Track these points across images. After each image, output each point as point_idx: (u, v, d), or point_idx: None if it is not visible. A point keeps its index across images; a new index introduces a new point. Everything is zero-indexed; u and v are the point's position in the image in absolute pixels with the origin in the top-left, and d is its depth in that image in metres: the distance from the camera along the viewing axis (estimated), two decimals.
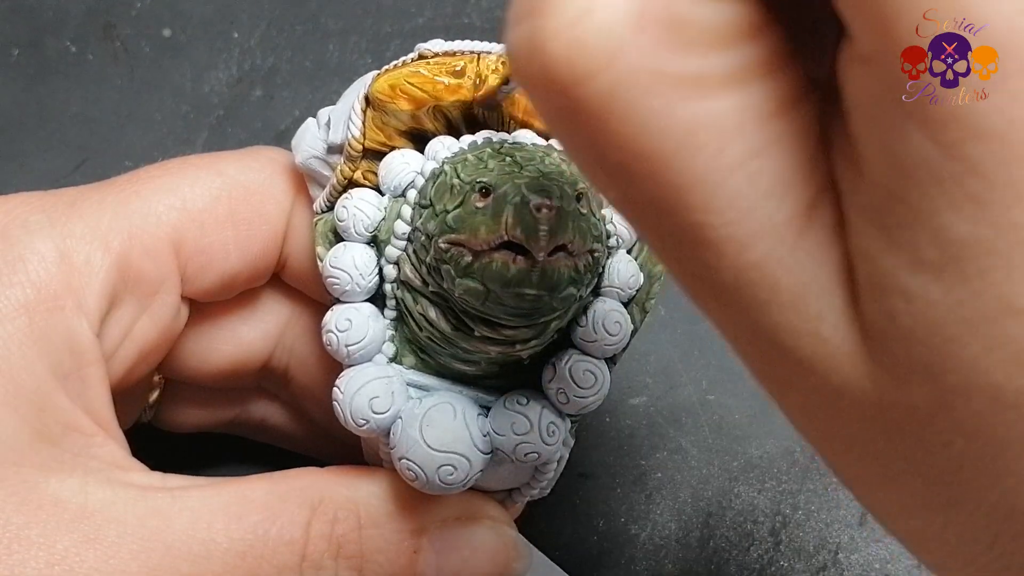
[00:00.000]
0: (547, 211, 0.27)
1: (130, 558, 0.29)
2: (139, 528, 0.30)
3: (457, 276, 0.29)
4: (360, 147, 0.32)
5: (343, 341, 0.32)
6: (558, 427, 0.31)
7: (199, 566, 0.30)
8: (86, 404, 0.32)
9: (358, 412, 0.31)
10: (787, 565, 0.41)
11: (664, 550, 0.42)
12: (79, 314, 0.31)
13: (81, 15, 0.51)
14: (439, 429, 0.31)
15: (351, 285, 0.32)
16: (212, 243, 0.34)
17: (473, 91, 0.31)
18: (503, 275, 0.28)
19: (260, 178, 0.35)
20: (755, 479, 0.43)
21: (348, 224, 0.32)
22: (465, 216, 0.28)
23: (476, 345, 0.31)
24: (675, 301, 0.46)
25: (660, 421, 0.44)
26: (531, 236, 0.27)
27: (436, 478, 0.31)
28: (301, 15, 0.51)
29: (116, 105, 0.49)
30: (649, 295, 0.33)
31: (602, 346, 0.32)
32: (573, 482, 0.43)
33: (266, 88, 0.50)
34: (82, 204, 0.33)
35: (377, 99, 0.32)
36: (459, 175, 0.29)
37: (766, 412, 0.44)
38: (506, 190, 0.28)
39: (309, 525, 0.31)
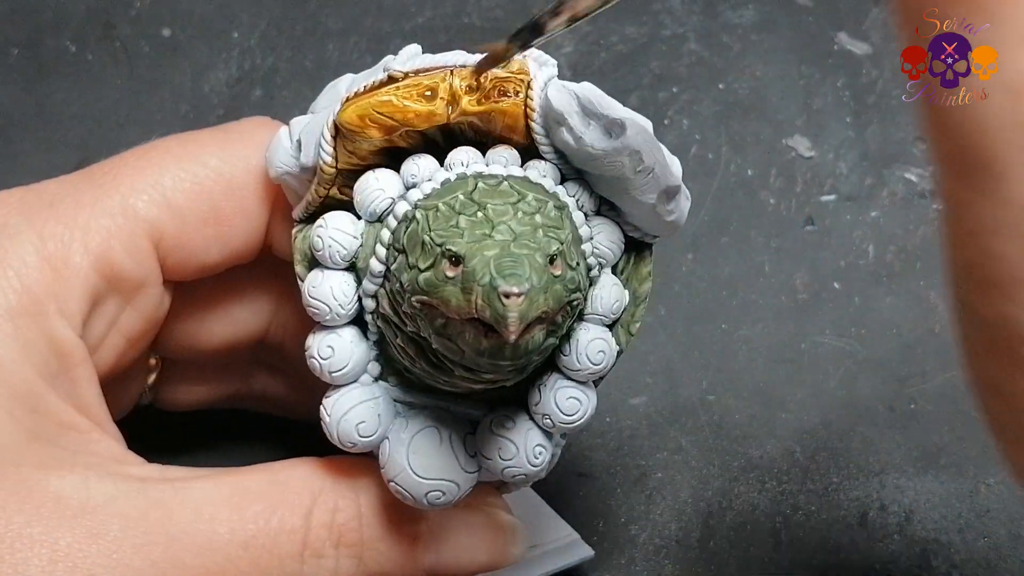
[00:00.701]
0: (515, 298, 0.26)
1: (133, 552, 0.29)
2: (141, 521, 0.30)
3: (432, 333, 0.29)
4: (332, 171, 0.31)
5: (326, 368, 0.31)
6: (545, 449, 0.32)
7: (202, 557, 0.30)
8: (78, 403, 0.32)
9: (345, 436, 0.31)
10: (787, 565, 0.41)
11: (664, 550, 0.42)
12: (61, 318, 0.31)
13: (81, 15, 0.51)
14: (425, 457, 0.31)
15: (331, 315, 0.31)
16: (193, 239, 0.34)
17: (447, 115, 0.30)
18: (475, 346, 0.28)
19: (244, 169, 0.34)
20: (755, 479, 0.43)
21: (324, 254, 0.31)
22: (436, 283, 0.28)
23: (456, 382, 0.31)
24: (675, 301, 0.46)
25: (660, 421, 0.44)
26: (500, 322, 0.27)
27: (425, 501, 0.31)
28: (301, 15, 0.51)
29: (116, 105, 0.49)
30: (634, 317, 0.32)
31: (586, 374, 0.31)
32: (573, 482, 0.43)
33: (266, 88, 0.50)
34: (60, 204, 0.33)
35: (346, 128, 0.31)
36: (430, 230, 0.29)
37: (766, 412, 0.44)
38: (475, 267, 0.27)
39: (310, 514, 0.31)
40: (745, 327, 0.45)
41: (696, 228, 0.47)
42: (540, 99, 0.30)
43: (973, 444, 0.43)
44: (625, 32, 0.51)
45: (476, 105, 0.30)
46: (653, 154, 0.30)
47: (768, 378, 0.44)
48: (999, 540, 0.41)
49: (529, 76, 0.30)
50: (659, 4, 0.52)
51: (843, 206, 0.48)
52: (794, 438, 0.43)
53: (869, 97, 0.50)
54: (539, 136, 0.30)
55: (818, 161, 0.49)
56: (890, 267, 0.46)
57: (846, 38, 0.51)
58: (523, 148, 0.31)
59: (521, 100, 0.30)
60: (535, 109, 0.30)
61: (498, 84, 0.30)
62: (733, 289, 0.46)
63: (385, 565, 0.32)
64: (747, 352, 0.45)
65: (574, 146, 0.30)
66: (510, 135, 0.31)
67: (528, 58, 0.31)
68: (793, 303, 0.46)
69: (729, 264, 0.46)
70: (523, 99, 0.30)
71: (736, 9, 0.52)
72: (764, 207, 0.48)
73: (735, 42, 0.51)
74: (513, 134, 0.31)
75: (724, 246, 0.47)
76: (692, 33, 0.51)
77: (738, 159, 0.49)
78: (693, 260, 0.47)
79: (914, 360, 0.45)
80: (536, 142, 0.30)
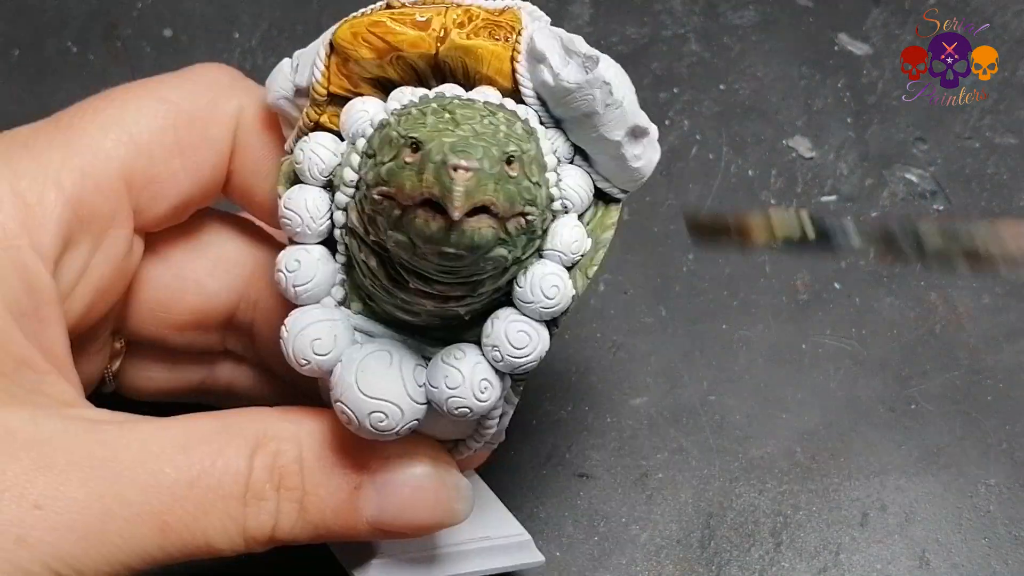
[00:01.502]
0: (463, 172, 0.27)
1: (79, 485, 0.29)
2: (88, 457, 0.30)
3: (388, 228, 0.29)
4: (324, 92, 0.32)
5: (291, 281, 0.32)
6: (491, 384, 0.31)
7: (147, 494, 0.30)
8: (41, 343, 0.32)
9: (300, 352, 0.31)
10: (788, 566, 0.41)
11: (665, 551, 0.42)
12: (34, 254, 0.32)
13: (82, 16, 0.51)
14: (372, 375, 0.31)
15: (302, 227, 0.32)
16: (161, 172, 0.34)
17: (435, 44, 0.31)
18: (423, 232, 0.28)
19: (204, 102, 0.35)
20: (756, 479, 0.43)
21: (304, 167, 0.32)
22: (396, 170, 0.29)
23: (412, 297, 0.31)
24: (676, 302, 0.46)
25: (661, 422, 0.44)
26: (446, 196, 0.27)
27: (367, 423, 0.31)
28: (302, 15, 0.51)
29: None
30: (592, 261, 0.32)
31: (539, 308, 0.31)
32: (574, 482, 0.43)
33: None
34: (34, 144, 0.33)
35: (339, 45, 0.32)
36: (398, 128, 0.30)
37: (767, 412, 0.44)
38: (431, 148, 0.28)
39: (253, 457, 0.32)
40: (746, 327, 0.45)
41: None
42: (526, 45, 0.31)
43: (973, 444, 0.43)
44: (626, 32, 0.51)
45: (465, 39, 0.31)
46: (623, 89, 0.31)
47: (768, 378, 0.44)
48: (999, 540, 0.41)
49: (521, 25, 0.31)
50: (660, 5, 0.52)
51: (843, 206, 0.48)
52: (794, 438, 0.43)
53: (869, 97, 0.50)
54: (522, 79, 0.31)
55: (818, 162, 0.49)
56: (890, 267, 0.46)
57: (846, 39, 0.51)
58: (506, 93, 0.32)
59: (510, 45, 0.31)
60: (521, 53, 0.31)
61: (490, 25, 0.31)
62: (734, 289, 0.46)
63: (326, 513, 0.32)
64: (747, 352, 0.45)
65: (551, 84, 0.31)
66: (495, 77, 0.32)
67: (522, 10, 0.32)
68: (794, 303, 0.46)
69: (730, 264, 0.47)
70: (512, 44, 0.31)
71: (737, 10, 0.52)
72: (765, 207, 0.48)
73: (735, 43, 0.51)
74: (499, 76, 0.32)
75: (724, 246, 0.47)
76: (693, 34, 0.51)
77: (739, 160, 0.49)
78: (694, 260, 0.47)
79: (914, 360, 0.45)
80: (519, 84, 0.32)
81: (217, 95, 0.35)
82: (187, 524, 0.31)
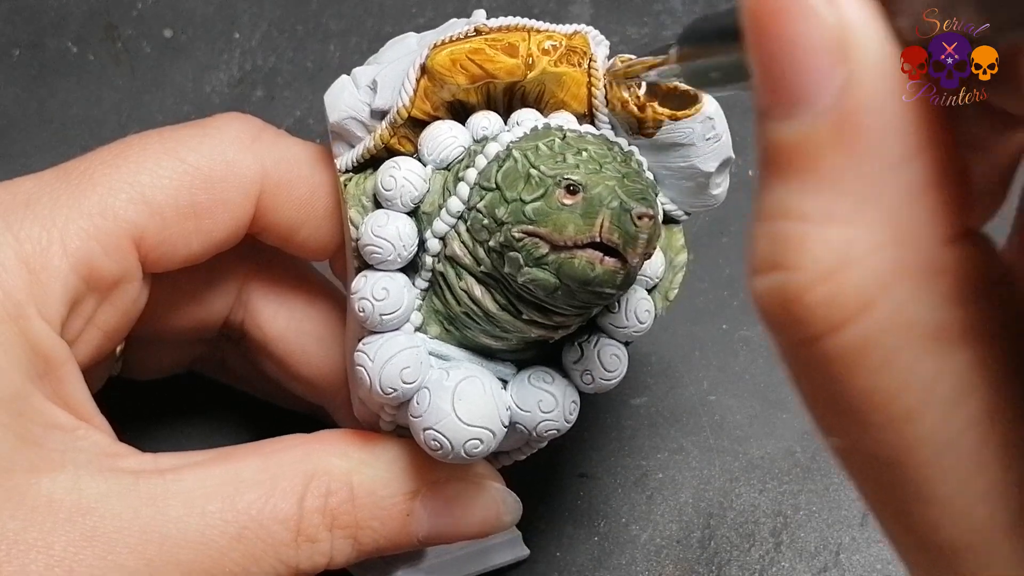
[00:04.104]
0: (648, 220, 0.28)
1: (128, 552, 0.29)
2: (135, 520, 0.30)
3: (527, 265, 0.29)
4: (407, 115, 0.32)
5: (379, 310, 0.32)
6: (578, 405, 0.33)
7: (197, 552, 0.30)
8: (63, 401, 0.32)
9: (388, 382, 0.31)
10: (788, 566, 0.41)
11: (665, 551, 0.42)
12: (42, 320, 0.31)
13: (82, 16, 0.51)
14: (471, 404, 0.31)
15: (393, 255, 0.32)
16: (173, 234, 0.34)
17: (526, 72, 0.32)
18: (585, 274, 0.28)
19: (223, 162, 0.34)
20: (756, 479, 0.43)
21: (395, 194, 0.32)
22: (548, 211, 0.29)
23: (519, 326, 0.31)
24: (676, 301, 0.46)
25: (661, 422, 0.44)
26: (629, 244, 0.28)
27: (462, 450, 0.31)
28: (302, 16, 0.51)
29: (117, 105, 0.49)
30: (672, 284, 0.34)
31: (630, 332, 0.33)
32: (574, 483, 0.43)
33: (267, 88, 0.50)
34: (36, 203, 0.32)
35: (436, 71, 0.32)
36: (535, 165, 0.30)
37: (767, 412, 0.44)
38: (600, 192, 0.28)
39: (303, 500, 0.32)
40: (746, 327, 0.45)
41: (697, 228, 0.47)
42: (601, 71, 0.32)
43: None
44: (626, 32, 0.51)
45: (554, 67, 0.32)
46: (723, 124, 0.32)
47: (768, 378, 0.44)
48: None
49: (590, 51, 0.32)
50: (660, 4, 0.52)
51: None
52: (794, 438, 0.43)
53: None
54: (599, 104, 0.32)
55: None
56: None
57: None
58: (579, 116, 0.33)
59: (584, 71, 0.32)
60: (599, 79, 0.32)
61: (568, 52, 0.32)
62: (734, 289, 0.46)
63: (380, 541, 0.33)
64: (747, 352, 0.45)
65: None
66: (570, 101, 0.33)
67: (588, 36, 0.33)
68: None
69: (730, 264, 0.47)
70: (586, 70, 0.32)
71: None
72: None
73: None
74: (573, 101, 0.32)
75: (725, 246, 0.47)
76: None
77: (739, 160, 0.49)
78: (694, 260, 0.47)
79: None
80: (595, 109, 0.32)
81: (238, 154, 0.34)
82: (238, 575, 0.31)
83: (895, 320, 0.18)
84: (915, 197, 0.18)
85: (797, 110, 0.19)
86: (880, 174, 0.18)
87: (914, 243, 0.18)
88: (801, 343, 0.19)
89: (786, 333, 0.19)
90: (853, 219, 0.18)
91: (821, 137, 0.19)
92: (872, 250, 0.18)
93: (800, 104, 0.19)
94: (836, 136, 0.18)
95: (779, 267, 0.19)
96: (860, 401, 0.19)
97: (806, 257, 0.19)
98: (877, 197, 0.18)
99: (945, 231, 0.19)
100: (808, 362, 0.19)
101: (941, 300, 0.18)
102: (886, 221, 0.18)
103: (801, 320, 0.19)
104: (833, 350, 0.19)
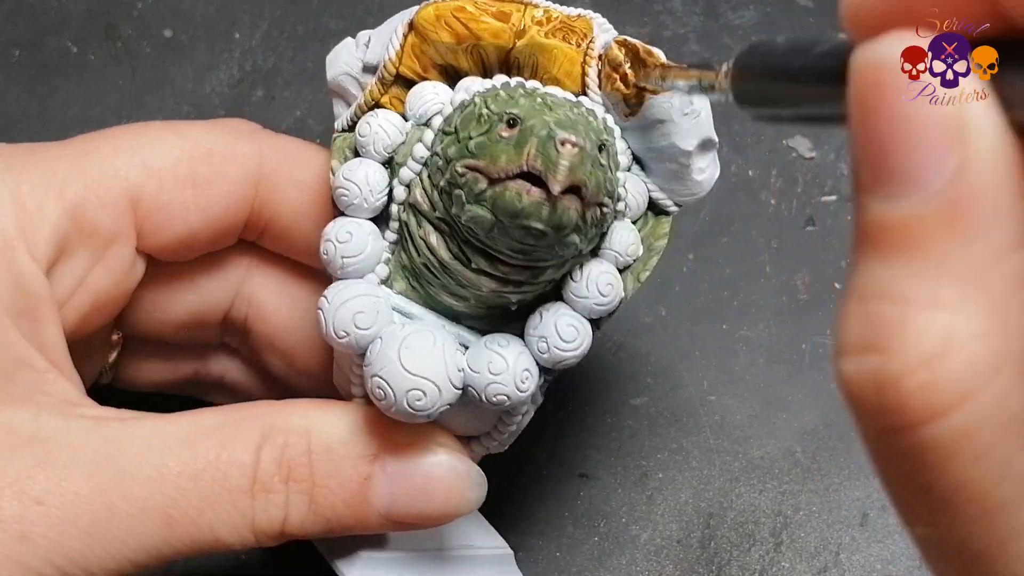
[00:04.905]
0: (571, 147, 0.28)
1: (82, 480, 0.29)
2: (91, 453, 0.30)
3: (468, 202, 0.29)
4: (394, 70, 0.33)
5: (340, 252, 0.32)
6: (531, 375, 0.32)
7: (152, 489, 0.30)
8: (39, 342, 0.32)
9: (341, 324, 0.31)
10: (788, 566, 0.41)
11: (665, 551, 0.42)
12: (29, 256, 0.32)
13: (82, 16, 0.51)
14: (416, 352, 0.31)
15: (359, 199, 0.32)
16: (171, 201, 0.34)
17: (513, 38, 0.32)
18: (514, 205, 0.29)
19: (223, 142, 0.35)
20: (756, 480, 0.43)
21: (368, 140, 0.32)
22: (488, 144, 0.29)
23: (470, 279, 0.31)
24: (676, 302, 0.46)
25: (661, 422, 0.44)
26: (550, 169, 0.28)
27: (404, 401, 0.31)
28: (302, 15, 0.51)
29: (117, 106, 0.49)
30: (645, 266, 0.33)
31: (591, 304, 0.32)
32: (574, 483, 0.43)
33: (267, 88, 0.50)
34: (41, 154, 0.33)
35: (420, 26, 0.32)
36: (488, 106, 0.30)
37: (767, 412, 0.44)
38: (534, 123, 0.29)
39: (259, 449, 0.31)
40: (746, 327, 0.45)
41: (697, 228, 0.47)
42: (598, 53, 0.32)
43: None
44: (626, 32, 0.51)
45: (543, 37, 0.32)
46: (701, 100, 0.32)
47: (768, 378, 0.44)
48: None
49: (593, 35, 0.32)
50: (660, 5, 0.52)
51: (844, 207, 0.48)
52: (795, 438, 0.43)
53: None
54: (591, 83, 0.32)
55: (819, 162, 0.49)
56: None
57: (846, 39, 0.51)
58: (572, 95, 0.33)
59: (582, 51, 0.32)
60: (594, 58, 0.32)
61: (565, 28, 0.32)
62: (734, 289, 0.46)
63: (337, 505, 0.32)
64: (748, 352, 0.45)
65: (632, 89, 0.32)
66: (563, 79, 0.33)
67: (594, 21, 0.33)
68: (794, 303, 0.46)
69: (730, 264, 0.47)
70: (583, 50, 0.32)
71: (737, 10, 0.52)
72: (765, 207, 0.48)
73: (736, 43, 0.51)
74: (567, 79, 0.32)
75: (725, 246, 0.47)
76: (693, 34, 0.51)
77: (739, 160, 0.49)
78: (694, 260, 0.47)
79: None
80: (588, 88, 0.32)
81: (238, 139, 0.35)
82: (193, 518, 0.30)
83: (996, 411, 0.18)
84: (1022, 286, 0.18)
85: (906, 190, 0.18)
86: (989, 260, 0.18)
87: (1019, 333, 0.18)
88: (893, 430, 0.19)
89: (877, 419, 0.19)
90: (958, 305, 0.18)
91: (930, 220, 0.18)
92: (976, 337, 0.18)
93: (910, 185, 0.18)
94: (946, 220, 0.18)
95: (875, 350, 0.19)
96: (953, 492, 0.18)
97: (907, 341, 0.18)
98: (984, 284, 0.18)
99: None
100: (899, 450, 0.19)
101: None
102: (992, 309, 0.18)
103: (896, 407, 0.18)
104: (929, 439, 0.18)
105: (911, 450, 0.18)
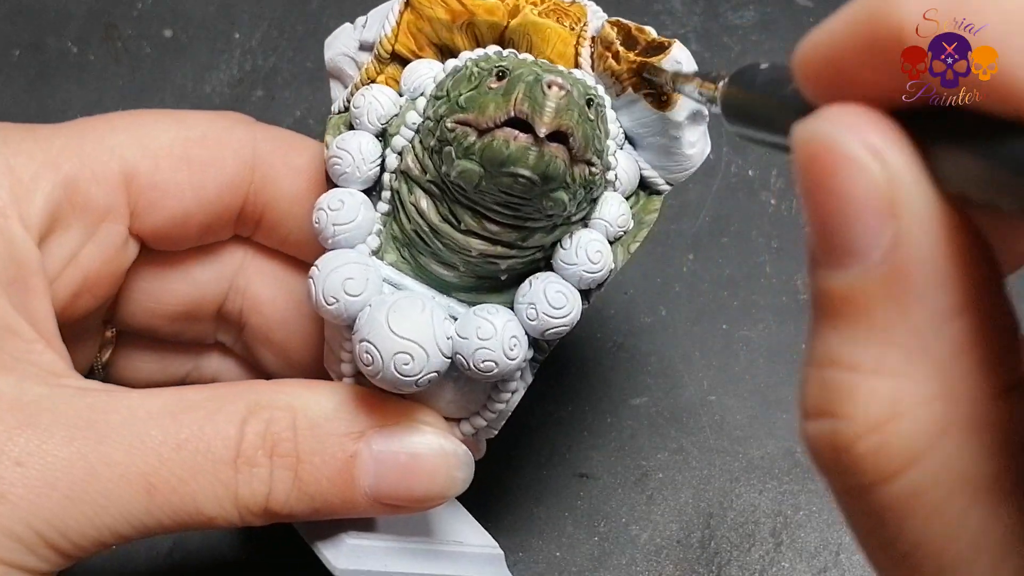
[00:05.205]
0: (557, 89, 0.28)
1: (63, 443, 0.29)
2: (74, 418, 0.30)
3: (457, 158, 0.30)
4: (390, 48, 0.33)
5: (331, 219, 0.32)
6: (520, 343, 0.31)
7: (132, 455, 0.30)
8: (28, 312, 0.32)
9: (330, 290, 0.31)
10: (788, 566, 0.41)
11: (665, 551, 0.42)
12: (20, 224, 0.32)
13: (83, 16, 0.51)
14: (404, 317, 0.31)
15: (352, 168, 0.32)
16: (165, 180, 0.35)
17: (507, 17, 0.33)
18: (501, 152, 0.29)
19: (218, 128, 0.36)
20: (756, 480, 0.43)
21: (362, 111, 0.33)
22: (477, 96, 0.30)
23: (459, 240, 0.31)
24: (676, 302, 0.46)
25: (661, 422, 0.44)
26: (536, 111, 0.28)
27: (391, 365, 0.30)
28: (302, 15, 0.51)
29: (117, 105, 0.49)
30: (635, 238, 0.33)
31: (580, 272, 0.32)
32: (574, 483, 0.43)
33: (267, 88, 0.50)
34: (38, 130, 0.34)
35: (416, 2, 0.33)
36: (479, 65, 0.31)
37: (767, 412, 0.44)
38: (522, 71, 0.29)
39: (244, 423, 0.31)
40: (746, 327, 0.45)
41: (697, 228, 0.47)
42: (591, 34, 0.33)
43: None
44: None
45: (536, 16, 0.33)
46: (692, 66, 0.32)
47: (768, 378, 0.44)
48: None
49: (585, 19, 0.33)
50: (660, 5, 0.52)
51: None
52: (794, 438, 0.43)
53: None
54: (584, 64, 0.33)
55: None
56: None
57: None
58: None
59: (575, 32, 0.33)
60: (587, 39, 0.33)
61: (559, 11, 0.33)
62: (734, 289, 0.46)
63: (322, 482, 0.32)
64: (748, 352, 0.45)
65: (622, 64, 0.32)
66: (557, 60, 0.33)
67: (588, 8, 0.33)
68: (794, 303, 0.46)
69: (730, 264, 0.47)
70: (577, 32, 0.33)
71: (737, 10, 0.52)
72: (765, 207, 0.48)
73: (736, 43, 0.51)
74: (560, 60, 0.33)
75: (725, 246, 0.47)
76: (693, 34, 0.51)
77: (739, 160, 0.49)
78: (694, 260, 0.47)
79: None
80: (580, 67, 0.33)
81: (233, 124, 0.36)
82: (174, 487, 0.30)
83: (944, 472, 0.19)
84: (964, 351, 0.19)
85: (848, 262, 0.19)
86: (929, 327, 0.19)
87: (963, 397, 0.19)
88: (852, 490, 0.19)
89: (838, 478, 0.20)
90: (902, 371, 0.19)
91: (871, 290, 0.19)
92: (921, 403, 0.19)
93: (851, 257, 0.19)
94: (886, 289, 0.19)
95: (829, 414, 0.19)
96: (911, 548, 0.19)
97: (856, 407, 0.19)
98: (926, 350, 0.19)
99: (994, 384, 0.19)
100: (860, 508, 0.20)
101: (990, 453, 0.19)
102: (935, 374, 0.19)
103: (852, 468, 0.19)
104: (884, 499, 0.19)
105: (870, 508, 0.19)
